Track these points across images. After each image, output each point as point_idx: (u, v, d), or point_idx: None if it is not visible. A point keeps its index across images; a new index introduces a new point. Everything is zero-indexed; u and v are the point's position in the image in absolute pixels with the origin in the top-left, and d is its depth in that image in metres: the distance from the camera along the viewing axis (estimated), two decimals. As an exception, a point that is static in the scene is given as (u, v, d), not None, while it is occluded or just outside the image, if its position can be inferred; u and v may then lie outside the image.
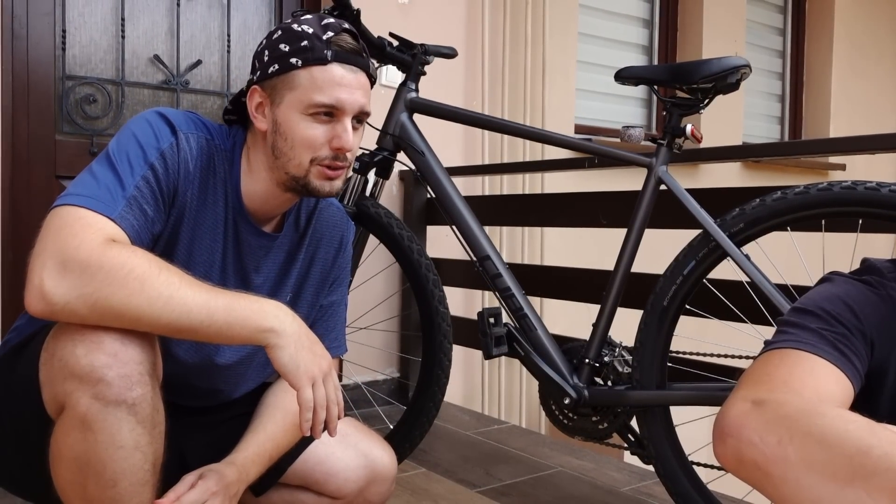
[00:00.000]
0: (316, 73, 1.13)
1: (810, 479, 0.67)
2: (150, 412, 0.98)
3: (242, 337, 1.00)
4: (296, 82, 1.13)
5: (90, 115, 2.40)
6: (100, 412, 0.93)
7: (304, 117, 1.13)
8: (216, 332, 0.99)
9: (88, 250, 0.95)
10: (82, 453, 0.95)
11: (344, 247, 1.38)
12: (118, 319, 0.95)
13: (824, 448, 0.67)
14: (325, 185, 1.16)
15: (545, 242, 3.28)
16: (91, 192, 1.02)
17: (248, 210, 1.20)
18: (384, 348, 2.89)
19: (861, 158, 4.74)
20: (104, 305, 0.94)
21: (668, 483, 1.64)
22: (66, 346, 0.95)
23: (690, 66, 1.62)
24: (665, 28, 4.13)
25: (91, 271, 0.94)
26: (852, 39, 4.85)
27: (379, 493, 1.31)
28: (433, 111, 1.95)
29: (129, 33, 2.45)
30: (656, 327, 1.62)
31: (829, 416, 0.70)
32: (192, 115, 1.18)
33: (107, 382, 0.93)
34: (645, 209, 1.70)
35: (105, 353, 0.94)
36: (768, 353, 0.85)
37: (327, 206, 1.36)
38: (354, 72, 1.15)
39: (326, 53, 1.13)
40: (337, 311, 1.40)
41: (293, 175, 1.15)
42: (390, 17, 2.84)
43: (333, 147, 1.14)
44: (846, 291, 0.89)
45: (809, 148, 2.67)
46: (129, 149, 1.08)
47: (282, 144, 1.15)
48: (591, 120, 3.82)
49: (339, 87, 1.13)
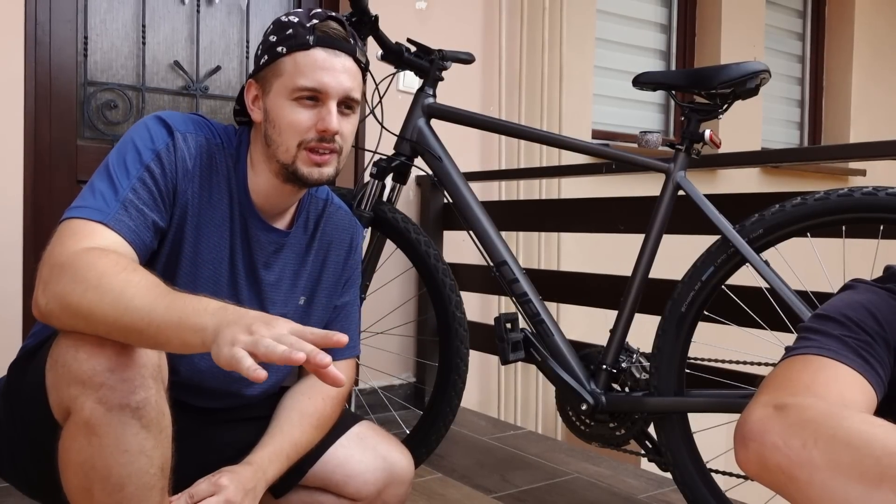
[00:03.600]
0: (299, 58, 1.15)
1: (837, 482, 0.66)
2: (155, 416, 0.97)
3: (179, 339, 0.89)
4: (281, 69, 1.16)
5: (111, 121, 2.42)
6: (103, 416, 0.93)
7: (290, 103, 1.15)
8: (156, 331, 0.90)
9: (67, 254, 0.98)
10: (88, 458, 0.96)
11: (354, 248, 1.40)
12: (77, 316, 0.94)
13: (851, 450, 0.66)
14: (313, 171, 1.17)
15: (562, 248, 3.27)
16: (87, 203, 1.05)
17: (256, 206, 1.22)
18: (401, 353, 2.89)
19: (882, 164, 4.68)
20: (66, 302, 0.95)
21: (686, 490, 1.63)
22: (68, 350, 0.95)
23: (709, 72, 1.61)
24: (683, 33, 4.12)
25: (63, 271, 0.97)
26: (873, 44, 4.80)
27: (396, 496, 1.32)
28: (450, 116, 1.95)
29: (149, 39, 2.48)
30: (674, 333, 1.62)
31: (855, 419, 0.69)
32: (196, 116, 1.20)
33: (109, 387, 0.93)
34: (663, 215, 1.69)
35: (107, 358, 0.94)
36: (790, 358, 0.84)
37: (336, 210, 1.37)
38: (337, 55, 1.16)
39: (309, 39, 1.15)
40: (351, 311, 1.41)
41: (282, 162, 1.17)
42: (408, 23, 2.85)
43: (318, 129, 1.15)
44: (869, 299, 0.88)
45: (829, 153, 2.65)
46: (127, 154, 1.11)
47: (271, 132, 1.17)
48: (609, 125, 3.81)
49: (321, 70, 1.15)
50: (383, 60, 1.93)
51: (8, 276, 2.15)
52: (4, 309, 2.14)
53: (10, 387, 1.13)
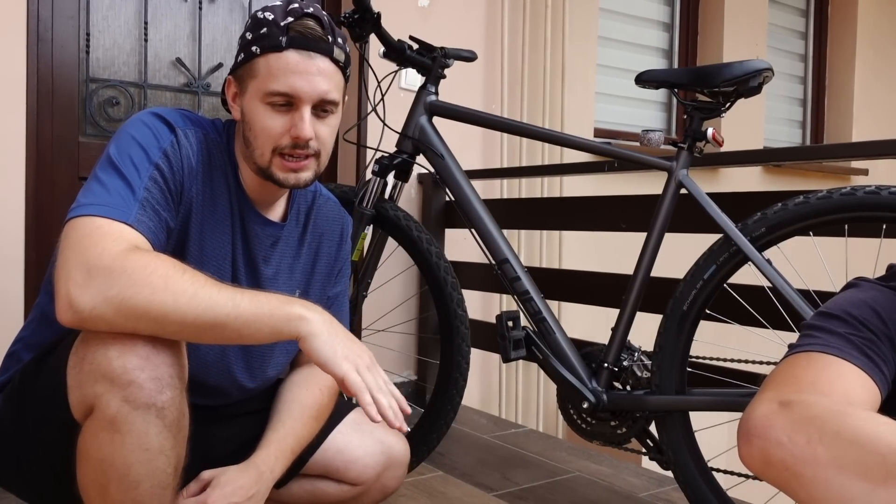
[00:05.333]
0: (272, 61, 1.12)
1: (842, 479, 0.66)
2: (177, 416, 0.99)
3: (270, 327, 0.98)
4: (255, 70, 1.13)
5: (113, 118, 2.42)
6: (129, 415, 0.94)
7: (264, 106, 1.13)
8: (243, 323, 0.97)
9: (111, 256, 0.96)
10: (108, 455, 0.96)
11: (344, 238, 1.40)
12: (143, 318, 0.95)
13: (856, 448, 0.66)
14: (289, 177, 1.15)
15: (563, 246, 3.27)
16: (104, 200, 1.03)
17: (250, 199, 1.22)
18: (402, 351, 2.89)
19: (884, 163, 4.68)
20: (129, 305, 0.94)
21: (687, 489, 1.63)
22: (97, 349, 0.96)
23: (713, 70, 1.61)
24: (685, 31, 4.11)
25: (115, 275, 0.94)
26: (875, 43, 4.79)
27: (395, 478, 1.34)
28: (452, 114, 1.95)
29: (151, 36, 2.48)
30: (676, 332, 1.61)
31: (860, 416, 0.69)
32: (185, 111, 1.19)
33: (138, 385, 0.94)
34: (665, 213, 1.69)
35: (138, 356, 0.95)
36: (794, 355, 0.84)
37: (325, 202, 1.37)
38: (311, 57, 1.12)
39: (281, 40, 1.11)
40: (342, 301, 1.42)
41: (259, 165, 1.16)
42: (410, 20, 2.85)
43: (292, 136, 1.13)
44: (873, 297, 0.87)
45: (831, 152, 2.64)
46: (131, 152, 1.08)
47: (248, 134, 1.16)
48: (611, 123, 3.81)
49: (293, 74, 1.11)
50: (385, 58, 1.93)
51: (10, 272, 2.15)
52: (7, 305, 2.15)
53: (21, 388, 1.12)
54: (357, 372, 0.99)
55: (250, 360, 1.26)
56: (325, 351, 0.99)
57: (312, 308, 1.02)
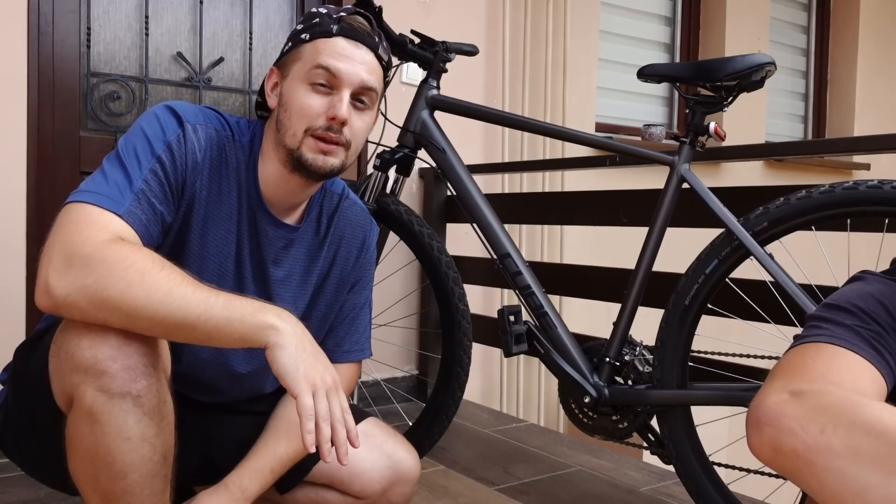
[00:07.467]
0: (320, 44, 1.16)
1: (856, 469, 0.65)
2: (157, 403, 0.98)
3: (240, 333, 0.96)
4: (302, 53, 1.17)
5: (114, 112, 2.42)
6: (105, 404, 0.95)
7: (305, 86, 1.15)
8: (213, 326, 0.95)
9: (93, 245, 0.96)
10: (91, 446, 0.97)
11: (367, 247, 1.37)
12: (116, 311, 0.94)
13: (871, 437, 0.65)
14: (318, 158, 1.15)
15: (565, 241, 3.27)
16: (100, 189, 1.03)
17: (266, 200, 1.21)
18: (403, 345, 2.89)
19: (886, 157, 4.68)
20: (103, 297, 0.93)
21: (689, 483, 1.63)
22: (71, 339, 0.96)
23: (715, 64, 1.60)
24: (687, 26, 4.10)
25: (93, 265, 0.94)
26: (877, 38, 4.78)
27: (402, 494, 1.31)
28: (454, 108, 1.95)
29: (152, 31, 2.47)
30: (678, 326, 1.61)
31: (875, 407, 0.68)
32: (208, 108, 1.19)
33: (111, 375, 0.94)
34: (667, 207, 1.69)
35: (109, 346, 0.95)
36: (802, 345, 0.83)
37: (350, 206, 1.35)
38: (358, 47, 1.17)
39: (332, 27, 1.16)
40: (360, 314, 1.39)
41: (289, 147, 1.15)
42: (412, 14, 2.84)
43: (328, 117, 1.14)
44: (879, 290, 0.87)
45: (833, 147, 2.63)
46: (137, 143, 1.09)
47: (283, 116, 1.17)
48: (612, 118, 3.80)
49: (339, 56, 1.15)
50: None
51: (12, 266, 2.16)
52: (8, 299, 2.15)
53: (16, 371, 1.13)
54: (313, 394, 0.96)
55: (246, 377, 1.26)
56: (286, 365, 0.96)
57: (288, 319, 1.00)
